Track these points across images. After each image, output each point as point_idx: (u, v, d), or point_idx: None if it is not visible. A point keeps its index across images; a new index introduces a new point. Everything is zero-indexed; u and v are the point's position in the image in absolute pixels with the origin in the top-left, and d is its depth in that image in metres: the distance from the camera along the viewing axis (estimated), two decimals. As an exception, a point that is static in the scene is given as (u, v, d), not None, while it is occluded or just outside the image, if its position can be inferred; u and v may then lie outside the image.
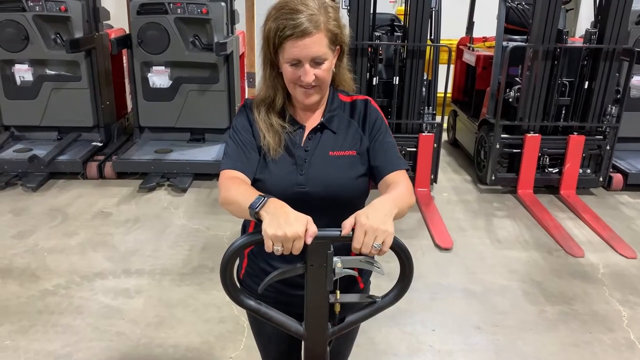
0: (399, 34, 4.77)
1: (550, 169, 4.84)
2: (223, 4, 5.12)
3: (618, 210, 4.64)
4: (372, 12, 4.58)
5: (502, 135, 4.74)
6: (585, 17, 7.10)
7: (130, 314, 3.05)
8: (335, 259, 1.24)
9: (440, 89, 4.89)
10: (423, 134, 4.73)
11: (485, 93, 5.12)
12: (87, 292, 3.26)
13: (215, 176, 5.05)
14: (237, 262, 1.60)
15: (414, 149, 4.78)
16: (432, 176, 4.86)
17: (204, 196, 4.72)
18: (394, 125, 4.81)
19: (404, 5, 5.05)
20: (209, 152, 5.20)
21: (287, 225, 1.16)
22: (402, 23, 5.17)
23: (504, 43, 4.85)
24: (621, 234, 4.12)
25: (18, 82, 5.24)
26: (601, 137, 4.76)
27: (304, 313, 1.32)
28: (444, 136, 6.46)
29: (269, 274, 1.29)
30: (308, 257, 1.24)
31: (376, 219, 1.20)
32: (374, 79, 4.69)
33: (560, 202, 4.74)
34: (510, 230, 4.22)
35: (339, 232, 1.23)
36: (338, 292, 1.30)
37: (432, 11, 4.74)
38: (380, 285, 1.70)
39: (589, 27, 4.65)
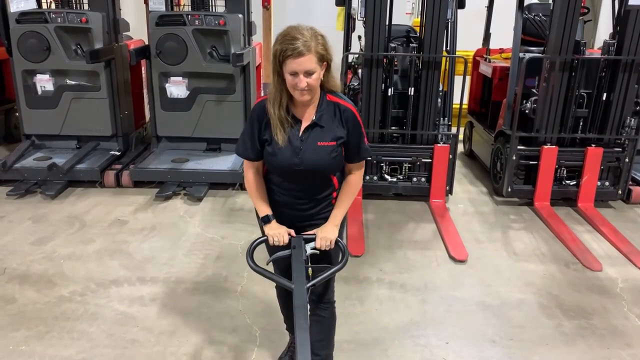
0: (414, 45, 4.78)
1: (567, 181, 4.78)
2: (240, 15, 5.17)
3: (638, 223, 4.57)
4: (387, 23, 4.60)
5: (519, 147, 4.70)
6: (604, 29, 7.04)
7: (144, 322, 3.07)
8: (306, 246, 2.22)
9: (456, 100, 4.88)
10: (438, 145, 4.71)
11: (501, 104, 5.10)
12: (103, 299, 3.29)
13: (231, 185, 5.10)
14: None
15: (429, 160, 4.77)
16: (448, 187, 4.84)
17: (219, 205, 4.75)
18: (409, 136, 4.81)
19: (420, 17, 5.06)
20: (224, 162, 5.23)
21: (275, 231, 2.22)
22: (418, 34, 5.18)
23: (521, 54, 4.82)
24: (641, 248, 4.05)
25: (39, 91, 5.35)
26: (620, 149, 4.70)
27: (292, 276, 2.09)
28: (460, 147, 6.44)
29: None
30: (292, 245, 2.21)
31: (327, 232, 2.23)
32: (389, 89, 4.70)
33: (578, 215, 4.68)
34: (527, 243, 4.17)
35: (310, 235, 2.25)
36: (310, 264, 2.20)
37: (448, 22, 4.73)
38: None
39: (607, 39, 4.60)
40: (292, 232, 2.23)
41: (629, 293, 3.48)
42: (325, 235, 2.20)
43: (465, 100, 6.34)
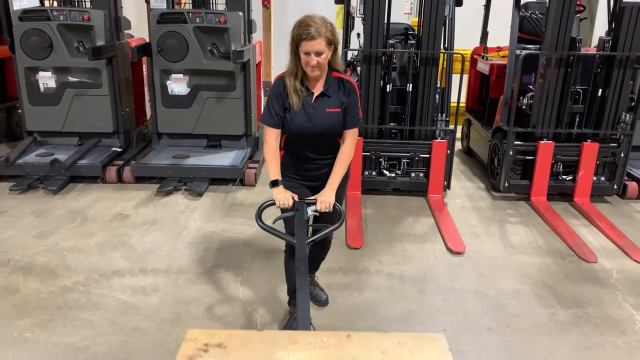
0: (412, 42, 4.84)
1: (564, 177, 4.84)
2: (240, 13, 5.24)
3: (633, 218, 4.62)
4: (385, 21, 4.66)
5: (516, 143, 4.76)
6: (600, 28, 7.12)
7: (146, 311, 3.12)
8: (307, 208, 2.55)
9: (454, 97, 4.94)
10: (436, 140, 4.77)
11: (498, 102, 5.15)
12: (105, 289, 3.34)
13: (232, 181, 5.14)
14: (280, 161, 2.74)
15: (427, 156, 4.82)
16: (446, 182, 4.90)
17: (219, 200, 4.80)
18: (408, 132, 4.86)
19: (418, 16, 5.12)
20: (225, 158, 5.29)
21: (281, 194, 2.56)
22: (416, 32, 5.24)
23: (517, 51, 4.89)
24: (636, 242, 4.10)
25: (41, 88, 5.41)
26: (615, 144, 4.76)
27: (295, 233, 2.42)
28: (458, 145, 6.51)
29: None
30: (295, 208, 2.53)
31: (326, 196, 2.59)
32: (388, 86, 4.76)
33: (574, 209, 4.74)
34: (523, 237, 4.23)
35: (311, 200, 2.58)
36: (310, 224, 2.57)
37: (445, 20, 4.80)
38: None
39: (602, 35, 4.67)
40: (296, 196, 2.56)
41: (623, 283, 3.53)
42: (325, 199, 2.56)
43: (463, 99, 6.43)
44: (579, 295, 3.39)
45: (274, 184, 2.59)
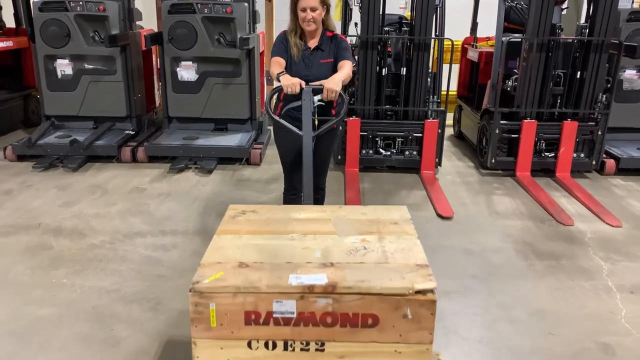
0: (406, 29, 5.23)
1: (546, 153, 5.23)
2: (246, 4, 5.62)
3: (610, 191, 5.02)
4: (381, 10, 5.05)
5: (501, 122, 5.15)
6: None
7: (168, 262, 3.49)
8: (314, 97, 2.84)
9: (445, 85, 5.32)
10: (428, 120, 5.16)
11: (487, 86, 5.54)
12: (129, 246, 3.71)
13: (238, 160, 5.52)
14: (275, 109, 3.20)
15: (420, 135, 5.21)
16: (437, 160, 5.28)
17: (228, 177, 5.18)
18: (402, 112, 5.25)
19: (410, 2, 5.51)
20: (232, 139, 5.67)
21: (289, 81, 2.82)
22: (409, 22, 5.63)
23: (504, 39, 5.28)
24: (611, 209, 4.49)
25: (59, 75, 5.78)
26: (593, 123, 5.16)
27: (302, 126, 2.81)
28: (451, 130, 6.90)
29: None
30: (303, 97, 2.81)
31: (333, 83, 2.83)
32: (383, 70, 5.15)
33: (556, 183, 5.13)
34: (507, 205, 4.62)
35: (318, 85, 2.85)
36: (316, 115, 2.91)
37: (436, 8, 5.19)
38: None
39: (579, 22, 5.07)
40: (303, 83, 2.84)
41: (595, 242, 3.92)
42: (331, 86, 2.80)
43: (455, 87, 6.82)
44: (555, 250, 3.78)
45: (281, 73, 2.90)
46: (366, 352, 1.69)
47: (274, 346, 1.70)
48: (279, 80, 2.88)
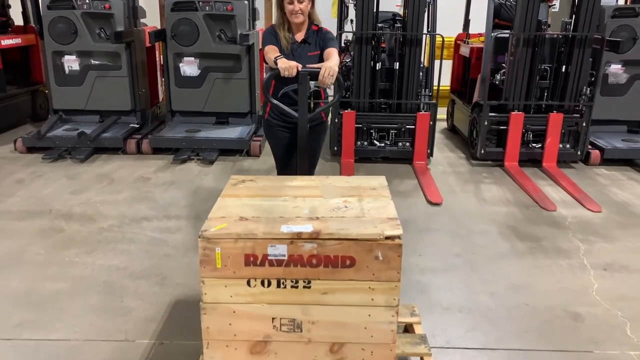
0: (399, 26, 5.46)
1: (533, 144, 5.46)
2: (246, 2, 5.86)
3: (594, 179, 5.25)
4: (375, 7, 5.29)
5: (490, 114, 5.39)
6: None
7: (173, 243, 3.74)
8: (310, 82, 2.85)
9: (437, 79, 5.55)
10: (420, 112, 5.39)
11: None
12: (136, 229, 3.96)
13: (239, 152, 5.76)
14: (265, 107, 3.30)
15: (413, 127, 5.44)
16: (429, 150, 5.51)
17: (229, 168, 5.42)
18: (395, 105, 5.49)
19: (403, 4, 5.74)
20: (232, 132, 5.91)
21: (286, 64, 2.81)
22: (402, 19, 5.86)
23: (493, 34, 5.51)
24: (593, 197, 4.72)
25: (67, 71, 6.02)
26: (578, 115, 5.39)
27: (298, 108, 2.84)
28: (444, 124, 7.14)
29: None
30: (299, 81, 2.80)
31: (333, 63, 2.86)
32: (378, 65, 5.38)
33: (543, 173, 5.36)
34: (495, 193, 4.85)
35: (315, 70, 2.81)
36: (312, 98, 2.98)
37: (428, 5, 5.42)
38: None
39: (564, 18, 5.30)
40: (300, 66, 2.82)
41: (576, 226, 4.15)
42: (330, 65, 2.78)
43: (448, 82, 7.05)
44: (536, 233, 4.01)
45: (278, 57, 2.89)
46: (345, 289, 1.98)
47: (269, 284, 1.98)
48: (276, 64, 2.85)
